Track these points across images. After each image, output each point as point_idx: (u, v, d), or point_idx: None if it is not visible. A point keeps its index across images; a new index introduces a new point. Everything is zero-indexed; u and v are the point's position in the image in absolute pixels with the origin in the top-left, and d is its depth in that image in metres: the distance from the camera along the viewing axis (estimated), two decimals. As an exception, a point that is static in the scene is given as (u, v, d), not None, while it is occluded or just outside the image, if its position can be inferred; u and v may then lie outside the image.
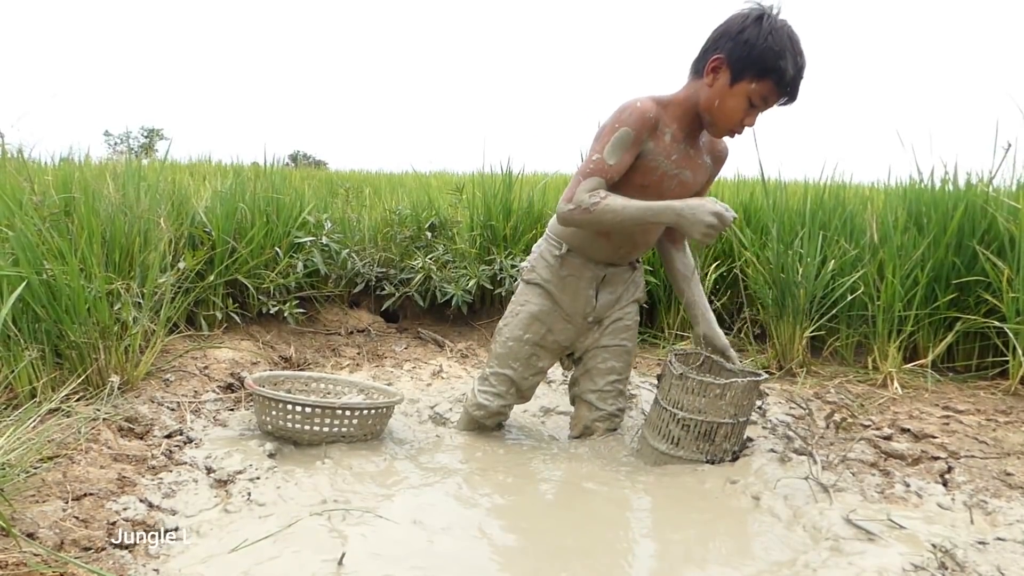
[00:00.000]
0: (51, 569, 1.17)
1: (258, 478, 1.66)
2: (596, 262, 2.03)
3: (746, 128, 1.81)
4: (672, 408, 1.85)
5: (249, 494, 1.58)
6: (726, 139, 1.96)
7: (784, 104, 1.78)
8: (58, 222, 2.16)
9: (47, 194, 2.30)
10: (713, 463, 1.85)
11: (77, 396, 1.93)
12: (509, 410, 2.14)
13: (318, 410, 1.87)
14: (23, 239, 1.89)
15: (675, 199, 1.79)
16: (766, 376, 1.88)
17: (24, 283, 1.79)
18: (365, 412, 1.92)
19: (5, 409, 1.68)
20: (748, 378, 1.83)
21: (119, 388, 2.00)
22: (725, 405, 1.82)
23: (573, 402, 2.16)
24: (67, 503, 1.41)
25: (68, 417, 1.77)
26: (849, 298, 2.71)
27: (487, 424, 2.12)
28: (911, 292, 2.63)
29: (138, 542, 1.35)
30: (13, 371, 1.84)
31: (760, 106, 1.77)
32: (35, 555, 1.20)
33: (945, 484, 1.72)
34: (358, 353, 2.97)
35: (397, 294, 3.27)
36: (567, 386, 2.53)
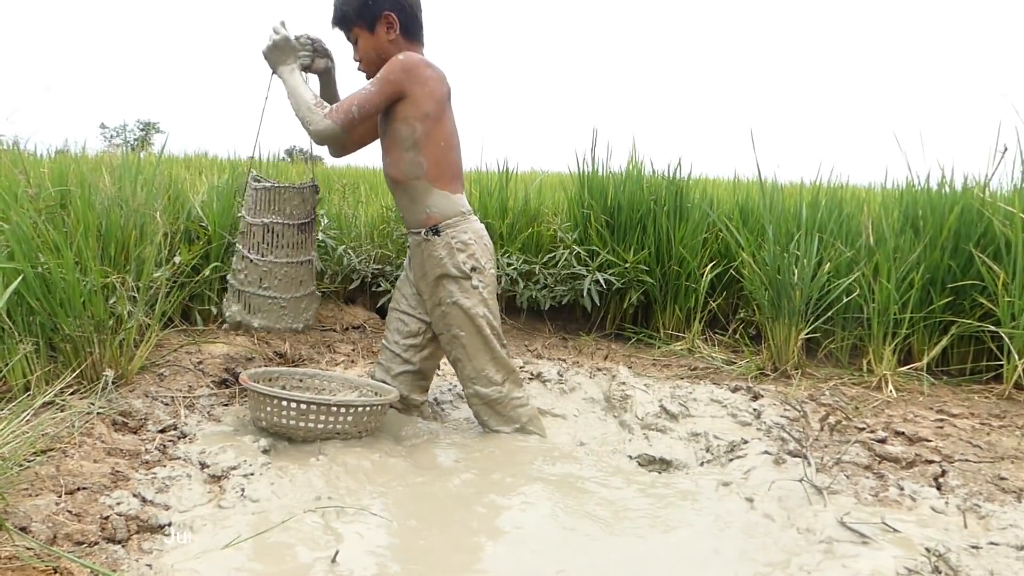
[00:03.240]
0: (44, 563, 1.16)
1: (252, 474, 1.65)
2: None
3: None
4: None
5: (243, 490, 1.57)
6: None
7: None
8: (53, 215, 2.15)
9: (43, 187, 2.28)
10: None
11: (71, 390, 1.92)
12: (404, 390, 2.13)
13: (313, 407, 1.87)
14: (18, 232, 1.88)
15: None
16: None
17: (20, 277, 1.78)
18: (360, 409, 1.92)
19: (-2, 402, 1.67)
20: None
21: (113, 382, 1.99)
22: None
23: None
24: (60, 497, 1.41)
25: (62, 411, 1.76)
26: (845, 300, 2.72)
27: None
28: (906, 295, 2.64)
29: (131, 537, 1.35)
30: (7, 364, 1.83)
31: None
32: (28, 549, 1.19)
33: (939, 487, 1.73)
34: (353, 350, 2.96)
35: (392, 291, 3.26)
36: (561, 385, 2.53)
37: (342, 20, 2.04)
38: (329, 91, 2.18)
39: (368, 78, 2.03)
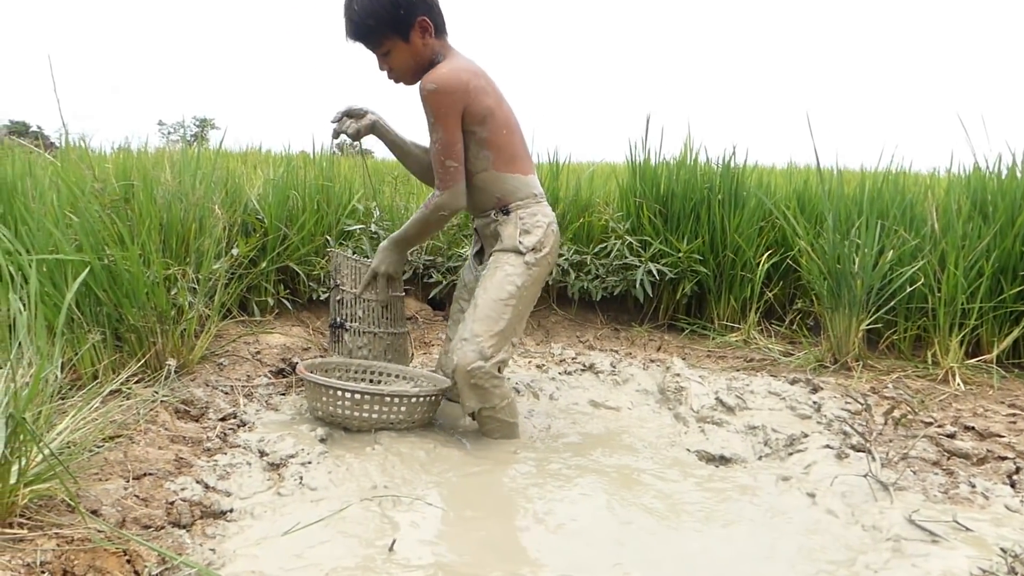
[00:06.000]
0: (114, 545, 1.20)
1: (310, 462, 1.68)
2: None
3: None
4: None
5: (301, 478, 1.60)
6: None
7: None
8: (118, 209, 2.22)
9: (108, 182, 2.36)
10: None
11: (136, 378, 1.98)
12: None
13: (367, 396, 1.89)
14: (86, 225, 1.95)
15: None
16: None
17: (88, 269, 1.84)
18: (414, 400, 1.93)
19: (70, 390, 1.73)
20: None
21: (175, 371, 2.05)
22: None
23: None
24: (128, 482, 1.45)
25: (128, 399, 1.82)
26: (908, 289, 2.62)
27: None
28: (975, 284, 2.53)
29: (195, 522, 1.38)
30: (77, 354, 1.90)
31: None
32: (99, 531, 1.23)
33: (1013, 485, 1.65)
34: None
35: (444, 282, 3.27)
36: (614, 377, 2.51)
37: (368, 34, 1.88)
38: (391, 138, 2.17)
39: (402, 82, 1.96)
